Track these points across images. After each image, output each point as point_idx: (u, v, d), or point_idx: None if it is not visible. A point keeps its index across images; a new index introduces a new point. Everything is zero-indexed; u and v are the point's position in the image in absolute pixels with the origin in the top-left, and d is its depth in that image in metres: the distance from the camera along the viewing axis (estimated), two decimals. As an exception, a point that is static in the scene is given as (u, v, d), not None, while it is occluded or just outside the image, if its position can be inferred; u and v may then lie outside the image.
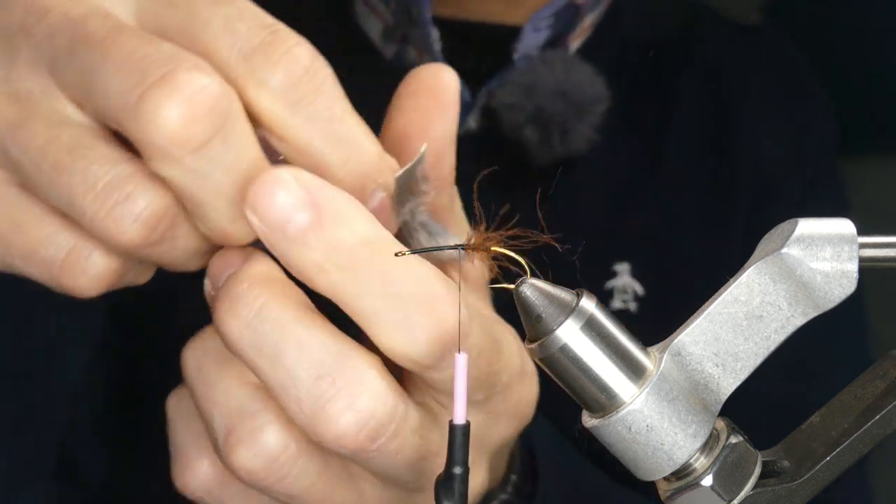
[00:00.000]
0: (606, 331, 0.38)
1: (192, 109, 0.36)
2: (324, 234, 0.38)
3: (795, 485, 0.40)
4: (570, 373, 0.38)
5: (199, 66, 0.37)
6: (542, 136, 0.83)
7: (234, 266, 0.41)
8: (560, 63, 0.84)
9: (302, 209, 0.38)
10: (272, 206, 0.38)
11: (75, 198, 0.38)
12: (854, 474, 0.63)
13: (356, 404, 0.39)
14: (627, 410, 0.37)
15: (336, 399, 0.39)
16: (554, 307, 0.37)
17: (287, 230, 0.38)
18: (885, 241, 0.39)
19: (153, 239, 0.39)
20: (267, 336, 0.40)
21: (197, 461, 0.45)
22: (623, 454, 0.38)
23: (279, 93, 0.39)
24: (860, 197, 1.01)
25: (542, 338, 0.38)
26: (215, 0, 0.39)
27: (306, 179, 0.39)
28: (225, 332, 0.40)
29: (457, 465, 0.38)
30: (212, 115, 0.37)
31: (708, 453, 0.39)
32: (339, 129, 0.40)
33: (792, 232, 0.38)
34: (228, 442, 0.41)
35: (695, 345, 0.38)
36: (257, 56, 0.38)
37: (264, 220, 0.38)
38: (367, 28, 0.91)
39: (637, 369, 0.38)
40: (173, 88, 0.36)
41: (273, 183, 0.38)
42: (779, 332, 0.39)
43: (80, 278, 0.40)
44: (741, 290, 0.38)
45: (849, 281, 0.38)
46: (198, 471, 0.45)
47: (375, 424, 0.40)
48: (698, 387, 0.38)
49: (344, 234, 0.39)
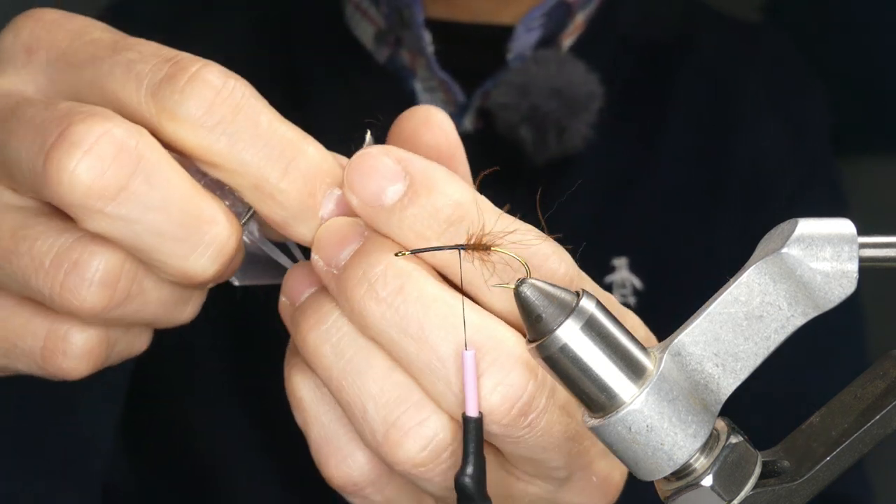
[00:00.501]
0: (606, 331, 0.38)
1: (96, 159, 0.36)
2: (419, 202, 0.39)
3: (795, 485, 0.40)
4: (570, 373, 0.38)
5: (95, 115, 0.37)
6: (537, 135, 0.83)
7: (346, 248, 0.41)
8: (553, 62, 0.85)
9: (395, 181, 0.39)
10: (366, 183, 0.39)
11: (29, 279, 0.38)
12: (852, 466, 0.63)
13: (507, 379, 0.39)
14: (627, 410, 0.37)
15: (487, 375, 0.39)
16: (554, 307, 0.37)
17: (384, 203, 0.39)
18: (885, 241, 0.39)
19: (117, 299, 0.38)
20: (411, 315, 0.39)
21: (354, 453, 0.43)
22: (623, 454, 0.38)
23: (195, 121, 0.38)
24: (860, 197, 1.01)
25: (542, 338, 0.38)
26: (116, 49, 0.39)
27: (395, 152, 0.40)
28: (366, 316, 0.39)
29: (471, 458, 0.39)
30: (120, 158, 0.36)
31: (708, 453, 0.39)
32: (268, 141, 0.39)
33: (792, 232, 0.38)
34: (391, 436, 0.40)
35: (695, 345, 0.38)
36: (163, 90, 0.38)
37: (361, 196, 0.39)
38: (358, 33, 0.91)
39: (637, 369, 0.38)
40: (70, 143, 0.36)
41: (365, 159, 0.39)
42: (779, 332, 0.39)
43: (64, 361, 0.40)
44: (741, 290, 0.38)
45: (849, 281, 0.38)
46: (358, 461, 0.43)
47: (528, 398, 0.40)
48: (698, 387, 0.38)
49: (438, 200, 0.40)
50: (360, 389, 0.40)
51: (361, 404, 0.40)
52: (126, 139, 0.37)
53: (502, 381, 0.39)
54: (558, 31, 0.90)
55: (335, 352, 0.41)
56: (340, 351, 0.41)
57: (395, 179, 0.40)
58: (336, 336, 0.41)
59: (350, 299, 0.40)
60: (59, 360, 0.40)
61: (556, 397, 0.41)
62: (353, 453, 0.43)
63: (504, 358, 0.40)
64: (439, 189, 0.40)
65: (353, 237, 0.41)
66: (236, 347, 0.86)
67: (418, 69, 0.89)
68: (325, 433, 0.43)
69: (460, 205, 0.40)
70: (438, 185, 0.40)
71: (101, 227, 0.37)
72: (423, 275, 0.40)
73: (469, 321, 0.40)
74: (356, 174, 0.40)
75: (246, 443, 0.87)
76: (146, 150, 0.37)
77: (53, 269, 0.38)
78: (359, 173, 0.40)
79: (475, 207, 0.40)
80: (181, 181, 0.38)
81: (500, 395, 0.39)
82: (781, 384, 0.80)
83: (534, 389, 0.40)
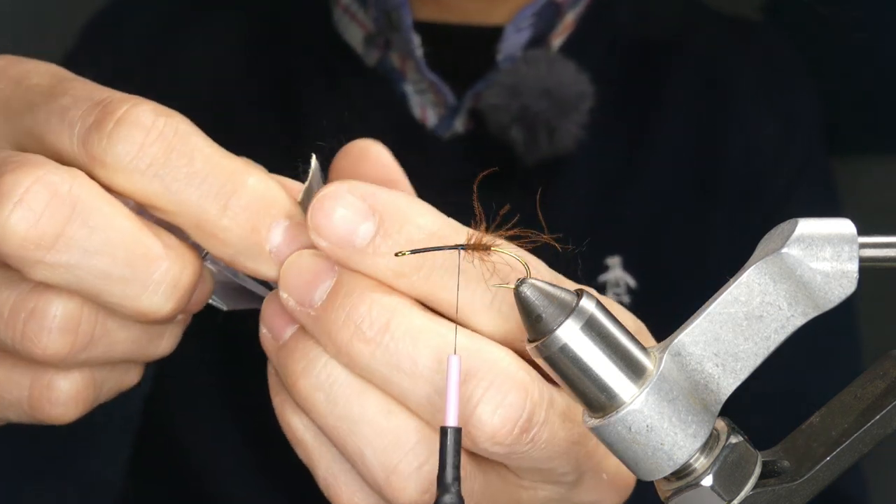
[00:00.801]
0: (606, 331, 0.38)
1: (27, 208, 0.35)
2: (391, 238, 0.38)
3: (795, 485, 0.40)
4: (570, 373, 0.38)
5: (26, 164, 0.36)
6: (528, 135, 0.83)
7: (319, 286, 0.40)
8: (543, 62, 0.85)
9: (364, 219, 0.38)
10: (334, 225, 0.38)
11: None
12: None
13: (505, 400, 0.39)
14: (627, 410, 0.37)
15: (485, 400, 0.39)
16: (554, 307, 0.37)
17: (356, 244, 0.38)
18: (885, 241, 0.39)
19: (80, 343, 0.38)
20: (401, 351, 0.39)
21: (364, 488, 0.42)
22: (623, 454, 0.38)
23: (125, 166, 0.37)
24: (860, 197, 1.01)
25: (543, 338, 0.38)
26: (52, 94, 0.39)
27: (360, 188, 0.38)
28: (355, 357, 0.39)
29: (448, 470, 0.38)
30: (53, 205, 0.36)
31: (708, 453, 0.39)
32: (205, 178, 0.38)
33: (792, 232, 0.38)
34: (393, 482, 0.40)
35: (695, 345, 0.38)
36: (91, 137, 0.37)
37: (331, 239, 0.38)
38: (347, 36, 0.91)
39: (637, 369, 0.38)
40: (1, 195, 0.35)
41: (329, 200, 0.38)
42: (779, 332, 0.39)
43: (53, 409, 0.40)
44: (741, 290, 0.38)
45: (849, 281, 0.38)
46: (368, 495, 0.42)
47: (527, 415, 0.39)
48: (698, 387, 0.38)
49: (412, 233, 0.39)
50: (356, 436, 0.40)
51: (360, 451, 0.40)
52: (59, 185, 0.36)
53: (501, 402, 0.39)
54: (548, 31, 0.90)
55: (328, 399, 0.40)
56: (334, 399, 0.40)
57: (363, 218, 0.38)
58: (327, 383, 0.40)
59: (336, 342, 0.39)
60: (47, 409, 0.40)
61: (555, 407, 0.41)
62: (363, 488, 0.42)
63: (500, 379, 0.39)
64: (410, 221, 0.39)
65: (324, 274, 0.40)
66: (225, 361, 0.86)
67: (408, 72, 0.89)
68: (332, 470, 0.42)
69: (433, 234, 0.39)
70: (409, 217, 0.39)
71: (44, 276, 0.37)
72: (407, 307, 0.39)
73: (461, 346, 0.39)
74: (321, 218, 0.38)
75: (239, 457, 0.86)
76: (82, 193, 0.36)
77: (12, 320, 0.37)
78: (323, 216, 0.38)
79: (450, 230, 0.40)
80: (123, 221, 0.37)
81: (500, 418, 0.39)
82: (781, 384, 0.80)
83: (532, 406, 0.39)
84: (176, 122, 0.38)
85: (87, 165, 0.37)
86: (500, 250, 0.40)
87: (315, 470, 0.43)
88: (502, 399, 0.39)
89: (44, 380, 0.39)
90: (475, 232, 0.40)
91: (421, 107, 0.89)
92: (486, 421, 0.39)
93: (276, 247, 0.40)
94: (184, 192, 0.38)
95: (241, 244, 0.39)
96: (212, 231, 0.39)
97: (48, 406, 0.40)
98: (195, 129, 0.39)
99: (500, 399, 0.39)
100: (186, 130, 0.38)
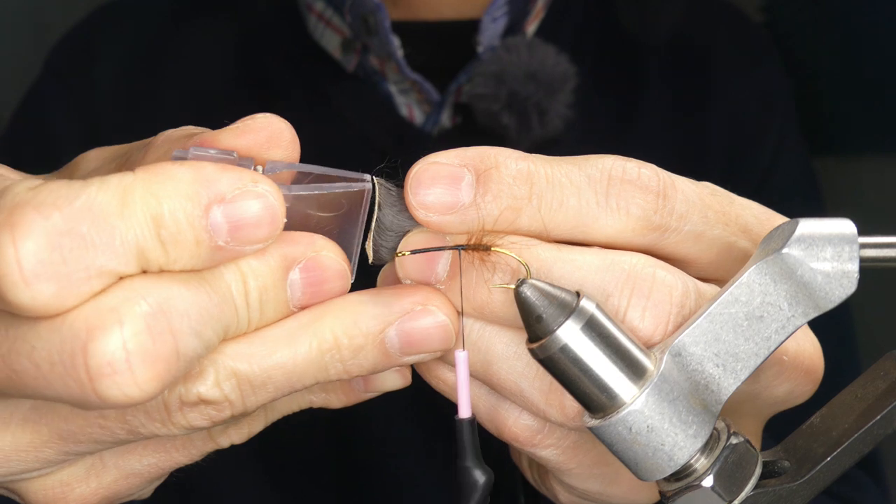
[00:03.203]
0: (607, 331, 0.38)
1: None
2: (493, 180, 0.40)
3: (796, 485, 0.40)
4: (570, 373, 0.38)
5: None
6: (519, 119, 0.84)
7: (436, 264, 0.41)
8: (524, 47, 0.86)
9: (462, 175, 0.40)
10: (440, 192, 0.39)
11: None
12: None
13: (650, 301, 0.40)
14: (628, 411, 0.37)
15: (630, 308, 0.40)
16: (554, 307, 0.37)
17: (464, 200, 0.40)
18: (885, 241, 0.39)
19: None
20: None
21: (522, 414, 0.44)
22: (624, 455, 0.38)
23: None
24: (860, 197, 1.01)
25: (543, 338, 0.38)
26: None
27: (444, 154, 0.40)
28: (494, 310, 0.41)
29: (467, 460, 0.39)
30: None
31: (708, 454, 0.39)
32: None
33: (792, 232, 0.38)
34: (552, 401, 0.42)
35: (695, 345, 0.38)
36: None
37: (440, 208, 0.40)
38: (323, 43, 0.92)
39: (638, 370, 0.38)
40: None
41: (425, 172, 0.39)
42: (779, 332, 0.39)
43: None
44: (742, 290, 0.38)
45: (849, 281, 0.38)
46: (527, 419, 0.45)
47: (677, 308, 0.40)
48: (699, 387, 0.38)
49: (507, 170, 0.40)
50: (511, 373, 0.42)
51: (516, 385, 0.42)
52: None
53: (646, 304, 0.40)
54: (522, 18, 0.91)
55: (478, 349, 0.42)
56: (486, 348, 0.42)
57: (460, 176, 0.40)
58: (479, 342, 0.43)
59: (472, 303, 0.41)
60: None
61: (702, 294, 0.41)
62: (523, 413, 0.44)
63: (640, 283, 0.40)
64: (500, 162, 0.40)
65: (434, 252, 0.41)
66: None
67: (389, 73, 0.90)
68: (491, 406, 0.44)
69: (522, 170, 0.40)
70: (498, 159, 0.40)
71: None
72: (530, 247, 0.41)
73: (594, 266, 0.40)
74: (423, 189, 0.39)
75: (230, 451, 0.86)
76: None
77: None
78: (426, 188, 0.40)
79: (538, 162, 0.41)
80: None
81: (651, 318, 0.40)
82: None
83: (680, 298, 0.40)
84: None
85: None
86: (500, 250, 0.40)
87: (476, 412, 0.45)
88: (646, 301, 0.40)
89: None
90: (475, 232, 0.40)
91: (406, 106, 0.90)
92: (638, 326, 0.40)
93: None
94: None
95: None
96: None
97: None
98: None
99: (644, 302, 0.40)
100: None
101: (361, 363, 0.40)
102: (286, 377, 0.39)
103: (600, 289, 0.40)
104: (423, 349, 0.40)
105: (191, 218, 0.35)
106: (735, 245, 0.43)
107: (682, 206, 0.41)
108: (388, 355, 0.40)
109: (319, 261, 0.39)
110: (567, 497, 0.48)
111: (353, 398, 0.45)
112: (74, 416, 0.39)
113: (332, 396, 0.46)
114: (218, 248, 0.36)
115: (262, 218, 0.36)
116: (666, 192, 0.41)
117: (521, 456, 0.52)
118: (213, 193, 0.35)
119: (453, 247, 0.40)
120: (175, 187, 0.35)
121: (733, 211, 0.43)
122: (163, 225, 0.35)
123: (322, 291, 0.39)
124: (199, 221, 0.35)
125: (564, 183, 0.40)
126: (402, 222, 0.41)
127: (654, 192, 0.41)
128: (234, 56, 0.94)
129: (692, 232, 0.42)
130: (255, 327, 0.38)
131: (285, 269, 0.38)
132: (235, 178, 0.36)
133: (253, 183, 0.36)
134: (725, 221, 0.43)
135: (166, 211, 0.34)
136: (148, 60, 0.96)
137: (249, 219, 0.36)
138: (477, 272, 0.41)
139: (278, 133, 0.40)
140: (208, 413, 0.38)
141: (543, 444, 0.44)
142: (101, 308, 0.34)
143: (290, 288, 0.39)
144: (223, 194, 0.35)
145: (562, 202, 0.40)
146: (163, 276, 0.35)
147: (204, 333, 0.36)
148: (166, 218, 0.35)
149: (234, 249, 0.36)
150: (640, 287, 0.40)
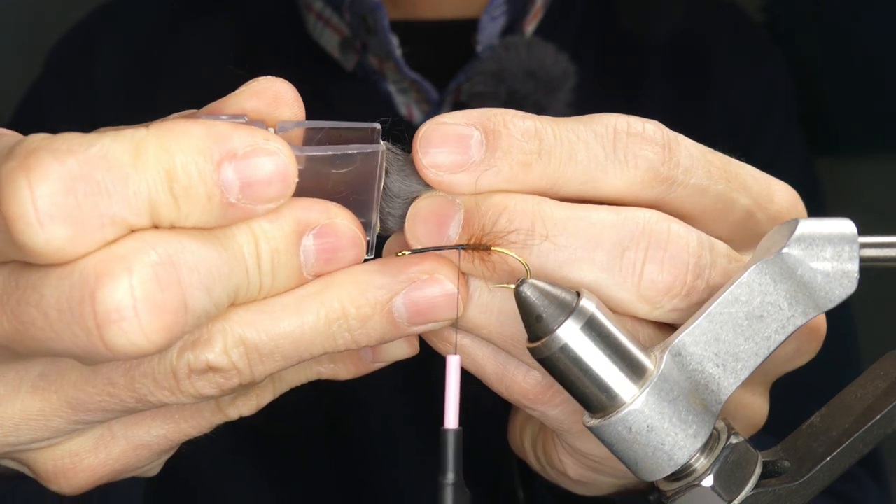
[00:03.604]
0: (607, 331, 0.38)
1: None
2: (502, 137, 0.40)
3: (796, 485, 0.40)
4: (570, 373, 0.38)
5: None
6: None
7: (448, 226, 0.41)
8: (523, 46, 0.86)
9: (470, 133, 0.40)
10: (451, 150, 0.39)
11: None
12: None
13: (667, 255, 0.40)
14: (628, 411, 0.37)
15: (648, 261, 0.40)
16: (554, 307, 0.37)
17: (475, 157, 0.40)
18: (885, 241, 0.39)
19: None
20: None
21: (530, 371, 0.44)
22: (624, 454, 0.38)
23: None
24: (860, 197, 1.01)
25: (543, 338, 0.38)
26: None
27: (449, 115, 0.40)
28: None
29: (449, 473, 0.38)
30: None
31: (708, 454, 0.39)
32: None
33: (792, 232, 0.38)
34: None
35: (695, 345, 0.38)
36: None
37: (452, 167, 0.40)
38: (322, 42, 0.92)
39: (637, 369, 0.38)
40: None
41: (434, 132, 0.39)
42: (779, 332, 0.39)
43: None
44: (742, 290, 0.38)
45: (849, 281, 0.38)
46: (535, 375, 0.44)
47: (694, 260, 0.40)
48: (699, 387, 0.38)
49: (517, 127, 0.40)
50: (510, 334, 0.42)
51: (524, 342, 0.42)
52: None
53: (664, 258, 0.40)
54: (521, 17, 0.91)
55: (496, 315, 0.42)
56: (494, 310, 0.42)
57: (468, 134, 0.40)
58: (490, 302, 0.42)
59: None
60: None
61: (717, 249, 0.41)
62: (530, 371, 0.44)
63: (656, 237, 0.40)
64: (508, 120, 0.40)
65: (449, 210, 0.41)
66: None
67: (388, 72, 0.90)
68: (499, 363, 0.44)
69: (529, 128, 0.41)
70: (505, 118, 0.40)
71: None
72: (537, 207, 0.40)
73: (608, 223, 0.40)
74: (433, 149, 0.39)
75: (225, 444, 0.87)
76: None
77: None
78: (436, 146, 0.39)
79: (544, 120, 0.41)
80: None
81: (669, 272, 0.40)
82: (782, 383, 0.80)
83: (696, 250, 0.40)
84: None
85: None
86: (500, 250, 0.40)
87: (485, 372, 0.44)
88: (664, 253, 0.40)
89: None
90: (475, 232, 0.40)
91: (405, 105, 0.90)
92: (657, 279, 0.40)
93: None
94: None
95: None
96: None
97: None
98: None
99: (662, 254, 0.40)
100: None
101: (369, 333, 0.39)
102: (294, 346, 0.38)
103: (616, 244, 0.40)
104: (430, 318, 0.40)
105: (203, 173, 0.35)
106: (737, 202, 0.43)
107: (687, 160, 0.42)
108: (395, 325, 0.40)
109: (334, 227, 0.39)
110: (575, 470, 0.48)
111: (361, 369, 0.45)
112: (84, 383, 0.39)
113: (340, 367, 0.45)
114: (229, 204, 0.36)
115: (274, 175, 0.36)
116: (671, 145, 0.41)
117: (525, 438, 0.52)
118: (225, 150, 0.35)
119: (453, 247, 0.40)
120: (188, 142, 0.35)
121: (733, 168, 0.44)
122: (175, 179, 0.34)
123: (336, 259, 0.39)
124: (210, 176, 0.35)
125: (572, 139, 0.41)
126: (410, 187, 0.41)
127: (661, 144, 0.41)
128: (234, 55, 0.94)
129: (697, 186, 0.42)
130: (268, 293, 0.38)
131: (298, 233, 0.38)
132: (247, 136, 0.36)
133: (265, 140, 0.36)
134: (728, 178, 0.43)
135: (179, 165, 0.34)
136: (148, 60, 0.96)
137: (261, 176, 0.36)
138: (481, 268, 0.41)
139: (283, 93, 0.41)
140: (216, 381, 0.38)
141: (553, 401, 0.43)
142: (111, 256, 0.34)
143: (304, 254, 0.38)
144: (235, 150, 0.35)
145: (571, 156, 0.41)
146: (174, 230, 0.35)
147: (213, 290, 0.36)
148: (178, 172, 0.34)
149: (246, 207, 0.36)
150: (656, 240, 0.40)
